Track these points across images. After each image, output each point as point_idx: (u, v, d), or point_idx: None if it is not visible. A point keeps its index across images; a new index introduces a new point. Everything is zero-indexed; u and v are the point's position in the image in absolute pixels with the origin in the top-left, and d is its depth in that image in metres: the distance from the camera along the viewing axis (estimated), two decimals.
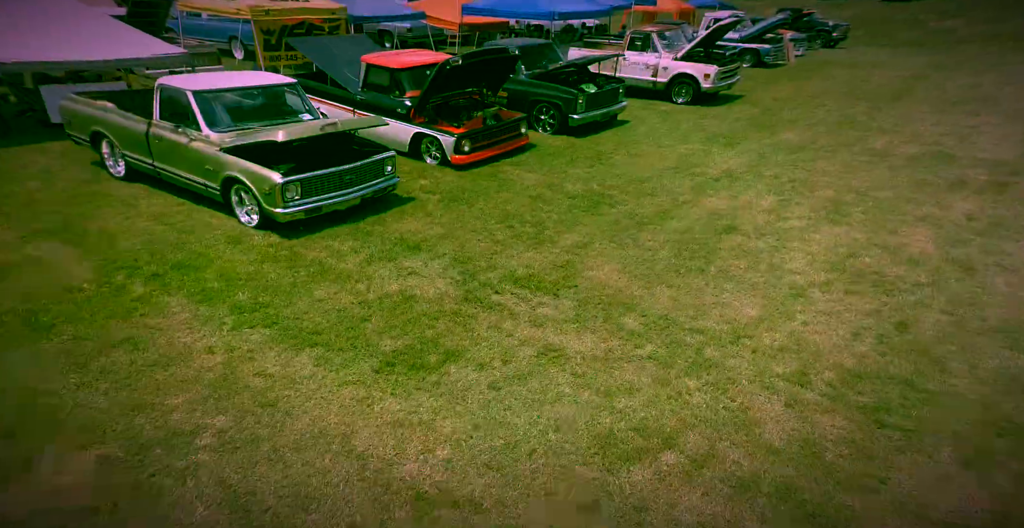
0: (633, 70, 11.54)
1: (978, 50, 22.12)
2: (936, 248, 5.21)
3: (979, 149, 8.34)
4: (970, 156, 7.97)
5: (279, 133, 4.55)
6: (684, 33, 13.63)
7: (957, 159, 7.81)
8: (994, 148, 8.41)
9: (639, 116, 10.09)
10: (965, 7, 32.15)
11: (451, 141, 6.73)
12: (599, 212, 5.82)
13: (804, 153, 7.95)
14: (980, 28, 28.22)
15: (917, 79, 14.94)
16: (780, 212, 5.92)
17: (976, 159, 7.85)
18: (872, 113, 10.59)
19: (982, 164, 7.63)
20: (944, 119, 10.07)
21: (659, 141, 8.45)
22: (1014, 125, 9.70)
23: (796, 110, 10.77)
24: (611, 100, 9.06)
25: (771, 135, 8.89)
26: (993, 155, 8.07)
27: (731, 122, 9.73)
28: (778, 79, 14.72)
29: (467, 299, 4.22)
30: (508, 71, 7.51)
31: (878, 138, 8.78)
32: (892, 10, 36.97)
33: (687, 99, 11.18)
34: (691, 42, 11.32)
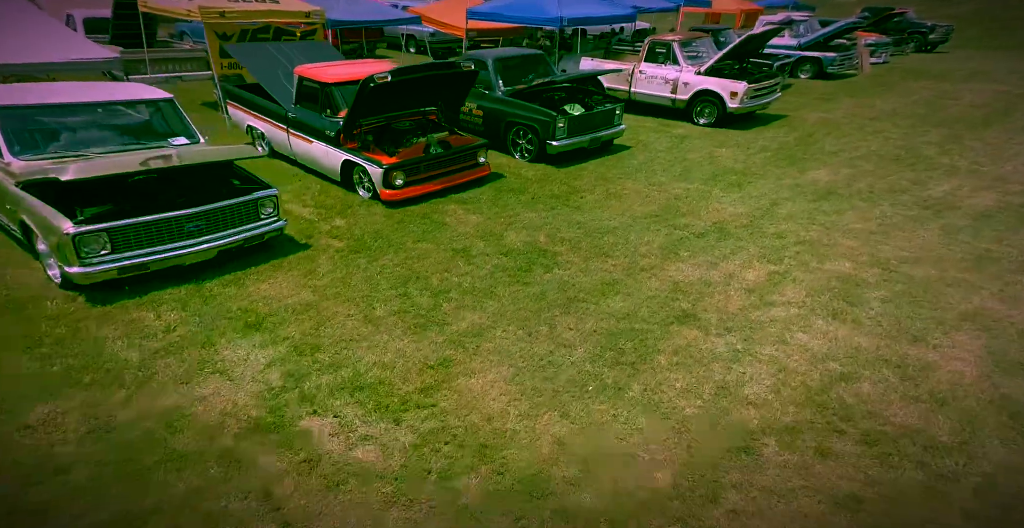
0: (650, 85, 10.07)
1: None
2: (979, 375, 3.57)
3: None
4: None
5: (69, 169, 3.59)
6: (727, 39, 12.01)
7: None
8: None
9: (645, 141, 8.66)
10: None
11: (379, 173, 5.71)
12: (527, 279, 4.58)
13: (831, 201, 6.28)
14: None
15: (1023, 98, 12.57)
16: (766, 292, 4.45)
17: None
18: (946, 144, 8.56)
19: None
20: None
21: (652, 176, 7.02)
22: None
23: (844, 138, 8.92)
24: (603, 124, 7.70)
25: (797, 173, 7.21)
26: None
27: (753, 153, 8.08)
28: (838, 95, 12.64)
29: (259, 426, 3.04)
30: (465, 88, 6.41)
31: (941, 182, 6.90)
32: (1009, 6, 32.05)
33: (710, 120, 9.57)
34: (721, 52, 9.65)
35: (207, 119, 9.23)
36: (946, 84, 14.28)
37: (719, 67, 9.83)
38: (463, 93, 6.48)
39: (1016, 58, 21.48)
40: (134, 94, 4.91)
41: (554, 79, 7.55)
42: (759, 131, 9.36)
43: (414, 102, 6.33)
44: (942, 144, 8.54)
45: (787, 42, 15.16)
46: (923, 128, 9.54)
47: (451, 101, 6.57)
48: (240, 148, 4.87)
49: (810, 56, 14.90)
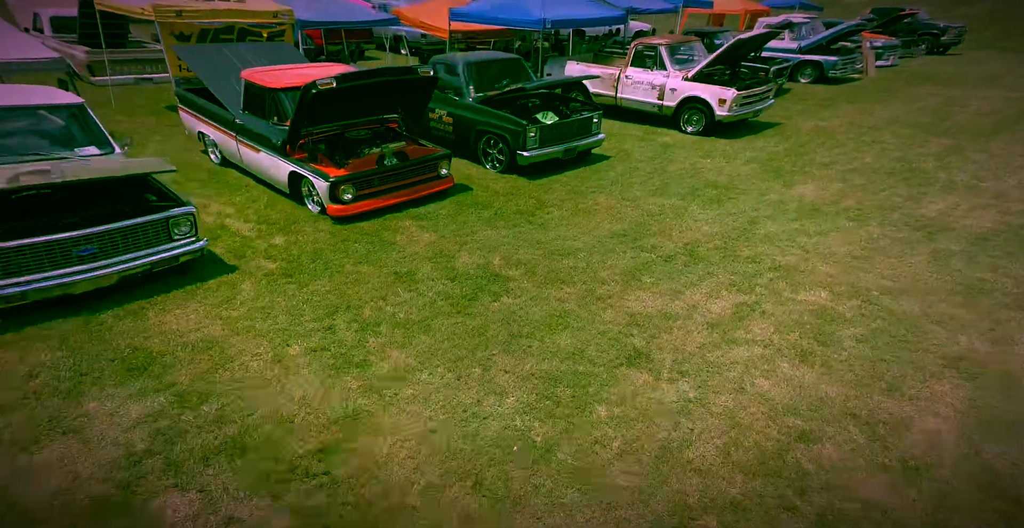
0: (636, 91, 9.62)
1: None
2: (958, 436, 3.13)
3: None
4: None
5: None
6: (724, 42, 11.51)
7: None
8: None
9: (627, 150, 8.21)
10: None
11: (325, 187, 5.32)
12: (470, 309, 4.17)
13: (815, 220, 5.82)
14: None
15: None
16: (730, 328, 4.01)
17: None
18: (946, 156, 8.03)
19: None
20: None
21: (627, 190, 6.59)
22: None
23: (838, 149, 8.42)
24: (579, 133, 7.26)
25: (783, 187, 6.75)
26: None
27: (740, 164, 7.62)
28: (838, 100, 12.09)
29: (97, 509, 2.57)
30: (426, 96, 6.01)
31: (937, 199, 6.41)
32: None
33: (698, 129, 9.10)
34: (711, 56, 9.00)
35: (167, 124, 8.92)
36: (954, 89, 13.72)
37: (709, 73, 9.42)
38: (424, 100, 6.08)
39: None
40: (39, 99, 4.50)
41: (524, 86, 7.04)
42: (749, 140, 8.88)
43: (370, 110, 5.94)
44: (942, 156, 8.03)
45: (787, 45, 14.63)
46: (924, 138, 9.03)
47: (412, 109, 6.18)
48: (147, 162, 4.43)
49: (811, 60, 14.36)
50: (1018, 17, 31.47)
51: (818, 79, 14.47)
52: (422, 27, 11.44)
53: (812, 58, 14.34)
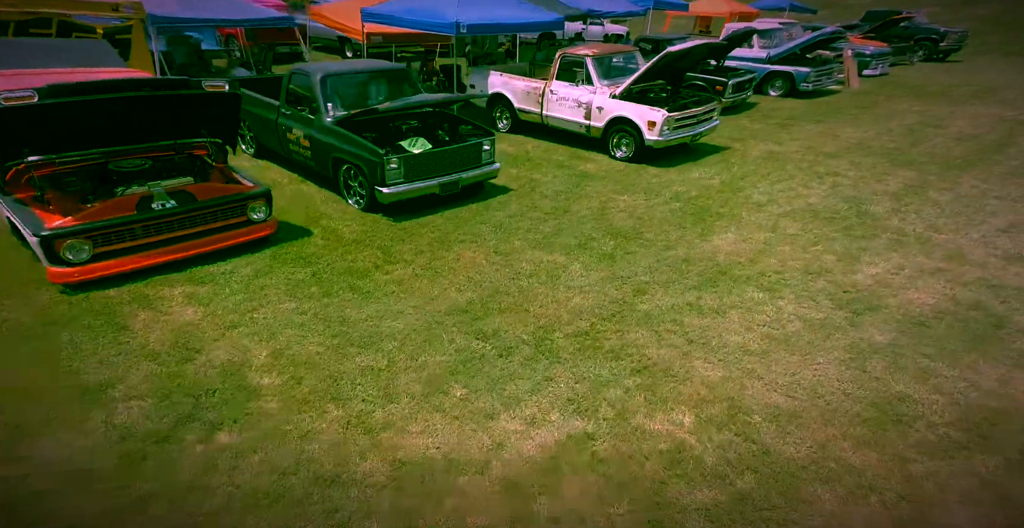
0: (562, 108, 8.39)
1: None
2: None
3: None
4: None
5: None
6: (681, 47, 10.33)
7: (1009, 333, 4.15)
8: None
9: (535, 181, 7.02)
10: None
11: (36, 242, 4.04)
12: (138, 470, 2.99)
13: (718, 289, 4.61)
14: None
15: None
16: (534, 494, 2.83)
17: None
18: (905, 196, 6.78)
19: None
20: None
21: (506, 240, 5.38)
22: None
23: (783, 182, 7.17)
24: (464, 163, 6.08)
25: (698, 237, 5.53)
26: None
27: (660, 203, 6.42)
28: (803, 119, 10.86)
29: None
30: (230, 116, 4.80)
31: (877, 260, 5.17)
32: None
33: (628, 154, 7.89)
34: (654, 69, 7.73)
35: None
36: (939, 106, 12.51)
37: (646, 89, 8.23)
38: (231, 122, 4.86)
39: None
40: None
41: (392, 105, 5.79)
42: (684, 170, 7.63)
43: (148, 132, 4.69)
44: (900, 196, 6.78)
45: (756, 54, 13.43)
46: (886, 170, 7.77)
47: (220, 132, 4.96)
48: None
49: (780, 70, 13.18)
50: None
51: (789, 92, 13.25)
52: (339, 28, 10.30)
53: (782, 69, 13.16)
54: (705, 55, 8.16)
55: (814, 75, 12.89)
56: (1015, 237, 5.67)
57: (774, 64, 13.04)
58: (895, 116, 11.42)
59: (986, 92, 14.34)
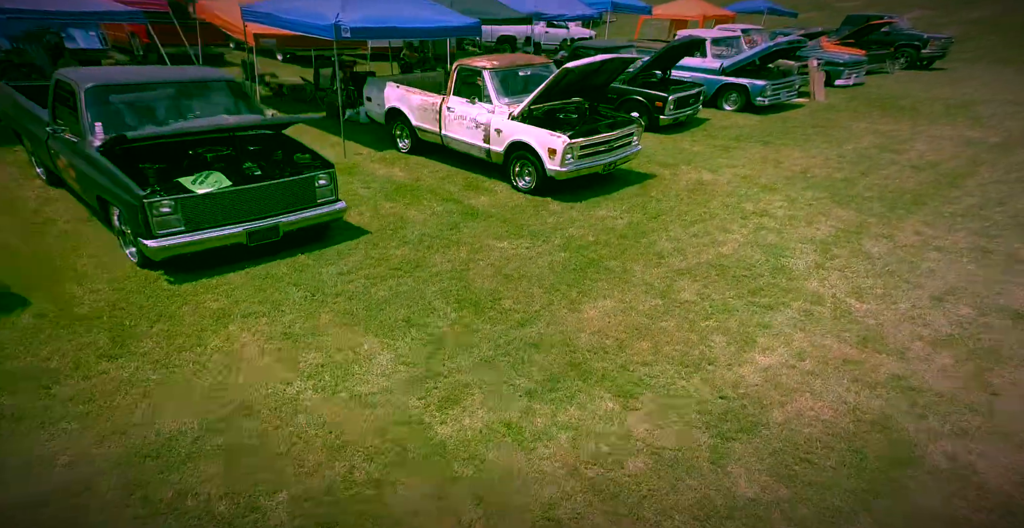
0: (460, 128, 7.27)
1: None
2: None
3: None
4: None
5: None
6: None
7: (916, 477, 3.16)
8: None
9: (404, 221, 5.90)
10: None
11: None
12: None
13: (556, 392, 3.53)
14: None
15: (999, 149, 9.54)
16: None
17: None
18: (833, 246, 5.74)
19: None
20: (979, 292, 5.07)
21: (311, 313, 4.25)
22: None
23: (699, 224, 6.11)
24: (287, 203, 4.88)
25: (568, 305, 4.43)
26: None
27: (545, 252, 5.28)
28: (750, 139, 9.81)
29: None
30: None
31: (782, 338, 4.14)
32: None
33: (531, 186, 6.80)
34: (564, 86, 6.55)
35: None
36: (904, 124, 11.53)
37: (556, 109, 7.12)
38: None
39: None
40: None
41: (185, 127, 4.65)
42: (590, 206, 6.53)
43: None
44: (829, 245, 5.74)
45: (709, 64, 12.49)
46: (823, 208, 6.73)
47: None
48: None
49: (734, 83, 12.09)
50: (1023, 24, 29.38)
51: (745, 106, 12.25)
52: (226, 27, 9.13)
53: (736, 81, 12.11)
54: (621, 69, 7.10)
55: (771, 88, 11.86)
56: (950, 309, 4.64)
57: (728, 76, 12.07)
58: (852, 137, 10.48)
59: (960, 107, 13.49)
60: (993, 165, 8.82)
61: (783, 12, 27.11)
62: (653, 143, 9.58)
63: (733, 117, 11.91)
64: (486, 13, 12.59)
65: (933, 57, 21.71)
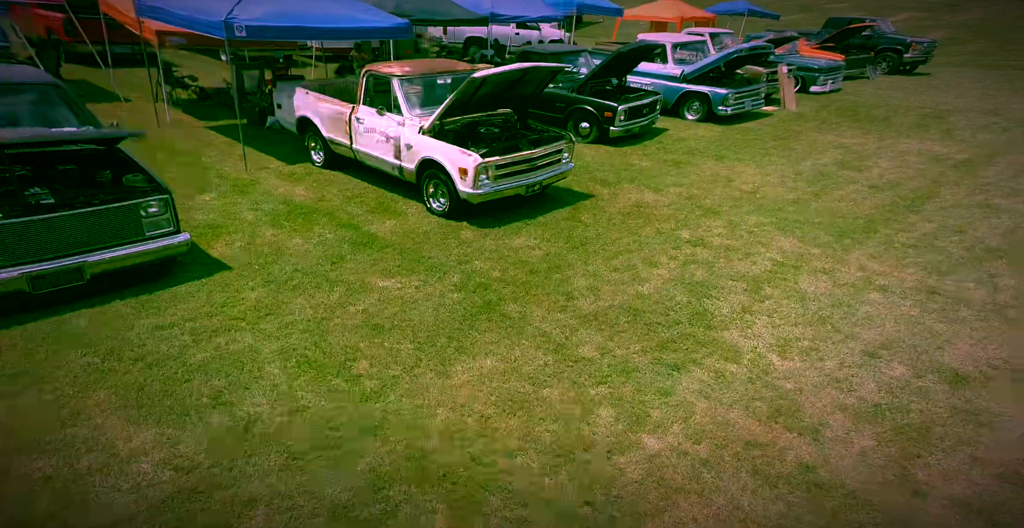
0: (370, 142, 6.54)
1: None
2: None
3: None
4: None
5: None
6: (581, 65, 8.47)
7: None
8: None
9: (281, 252, 5.20)
10: None
11: None
12: None
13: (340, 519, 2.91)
14: None
15: (965, 167, 8.92)
16: None
17: None
18: (771, 282, 5.14)
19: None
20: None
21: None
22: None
23: (624, 256, 5.44)
24: (95, 237, 4.11)
25: (436, 367, 3.73)
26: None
27: (437, 292, 4.61)
28: (704, 154, 9.16)
29: None
30: None
31: (678, 413, 3.49)
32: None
33: (445, 209, 6.14)
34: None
35: None
36: (871, 137, 10.95)
37: (478, 122, 6.41)
38: None
39: (1014, 86, 17.93)
40: None
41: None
42: (508, 232, 5.84)
43: None
44: (762, 283, 5.11)
45: (670, 71, 11.83)
46: (765, 236, 6.12)
47: None
48: None
49: (696, 91, 11.44)
50: (1012, 27, 28.92)
51: (707, 116, 11.68)
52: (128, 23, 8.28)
53: (697, 89, 11.45)
54: (549, 78, 6.42)
55: (733, 97, 11.24)
56: (882, 369, 4.00)
57: (689, 83, 11.45)
58: (813, 152, 9.90)
59: (934, 118, 13.05)
60: (956, 185, 8.32)
61: (765, 14, 26.63)
62: (601, 157, 8.96)
63: (694, 128, 11.34)
64: (437, 13, 11.93)
65: (916, 62, 21.30)
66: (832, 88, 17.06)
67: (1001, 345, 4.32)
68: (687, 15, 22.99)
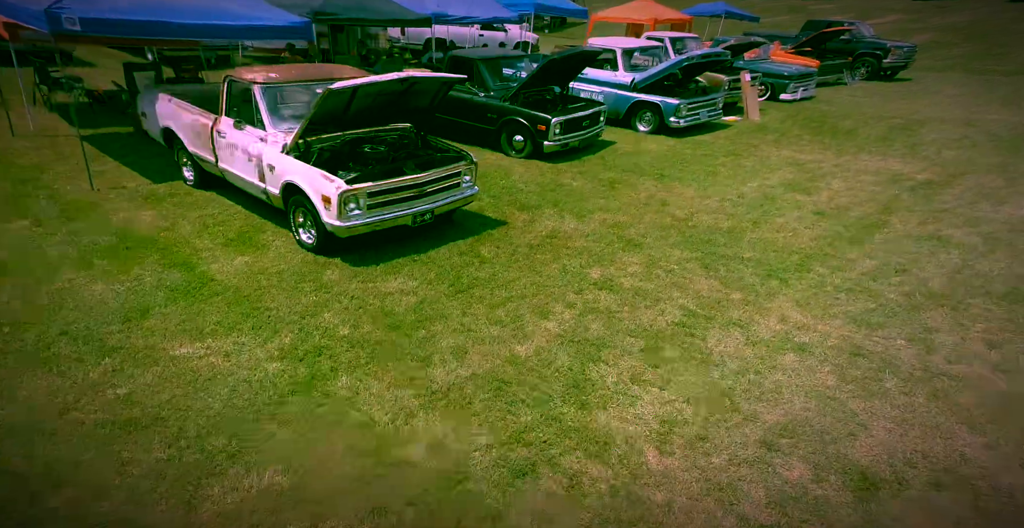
0: (234, 159, 5.65)
1: None
2: None
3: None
4: None
5: None
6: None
7: None
8: None
9: (62, 303, 4.36)
10: None
11: None
12: None
13: None
14: None
15: (923, 190, 8.03)
16: None
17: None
18: (675, 339, 4.39)
19: None
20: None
21: None
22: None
23: (516, 302, 4.64)
24: None
25: (180, 500, 2.94)
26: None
27: (254, 361, 3.79)
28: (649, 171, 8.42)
29: None
30: None
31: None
32: (1019, 15, 27.42)
33: (315, 242, 5.25)
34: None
35: None
36: (829, 153, 10.23)
37: (367, 137, 5.52)
38: None
39: (994, 94, 17.42)
40: None
41: None
42: (386, 271, 5.01)
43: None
44: (663, 340, 4.37)
45: (621, 79, 10.98)
46: (684, 276, 5.35)
47: None
48: None
49: (647, 101, 10.62)
50: (1001, 30, 28.24)
51: (660, 127, 10.92)
52: None
53: (648, 99, 10.64)
54: (446, 89, 5.51)
55: (686, 108, 10.50)
56: (777, 467, 3.24)
57: (639, 92, 10.67)
58: (764, 170, 9.15)
59: (902, 130, 12.46)
60: (909, 212, 7.66)
61: (744, 16, 25.99)
62: (531, 175, 8.17)
63: (644, 141, 10.59)
64: (370, 12, 11.06)
65: (896, 67, 20.79)
66: (804, 95, 16.47)
67: (924, 432, 3.66)
68: (661, 17, 22.27)
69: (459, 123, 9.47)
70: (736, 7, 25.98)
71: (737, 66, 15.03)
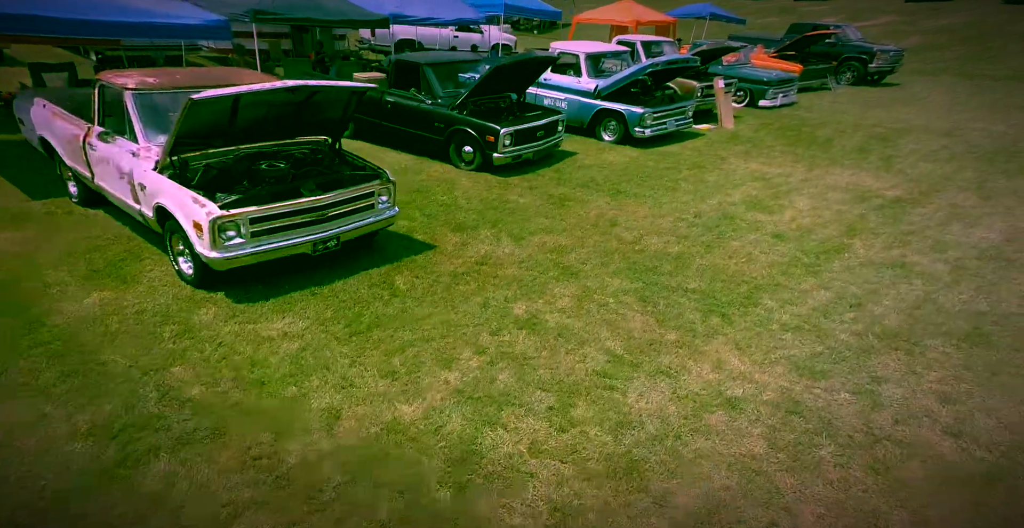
0: (108, 176, 4.97)
1: None
2: None
3: None
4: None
5: None
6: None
7: None
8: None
9: None
10: None
11: None
12: None
13: None
14: None
15: (891, 209, 7.55)
16: None
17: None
18: (593, 392, 3.83)
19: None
20: None
21: None
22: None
23: (419, 346, 4.03)
24: None
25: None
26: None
27: (57, 444, 3.12)
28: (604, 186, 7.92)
29: None
30: None
31: None
32: (1015, 17, 26.85)
33: (195, 277, 4.59)
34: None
35: None
36: (799, 166, 9.71)
37: (260, 153, 4.90)
38: None
39: (981, 100, 17.05)
40: None
41: None
42: (275, 309, 4.42)
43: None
44: (578, 395, 3.82)
45: (584, 85, 10.41)
46: (614, 312, 4.80)
47: None
48: None
49: (611, 109, 10.06)
50: (994, 32, 27.69)
51: (625, 136, 10.37)
52: None
53: (612, 107, 10.07)
54: (356, 98, 4.87)
55: (651, 117, 9.96)
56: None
57: (603, 100, 10.16)
58: (727, 186, 8.60)
59: (880, 140, 12.04)
60: (874, 235, 7.15)
61: (729, 18, 25.56)
62: (476, 190, 7.60)
63: (607, 151, 10.08)
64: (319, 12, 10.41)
65: (882, 71, 20.38)
66: (784, 102, 16.03)
67: (857, 521, 3.13)
68: (644, 19, 21.76)
69: (406, 132, 8.88)
70: (722, 9, 25.57)
71: (714, 71, 14.60)
